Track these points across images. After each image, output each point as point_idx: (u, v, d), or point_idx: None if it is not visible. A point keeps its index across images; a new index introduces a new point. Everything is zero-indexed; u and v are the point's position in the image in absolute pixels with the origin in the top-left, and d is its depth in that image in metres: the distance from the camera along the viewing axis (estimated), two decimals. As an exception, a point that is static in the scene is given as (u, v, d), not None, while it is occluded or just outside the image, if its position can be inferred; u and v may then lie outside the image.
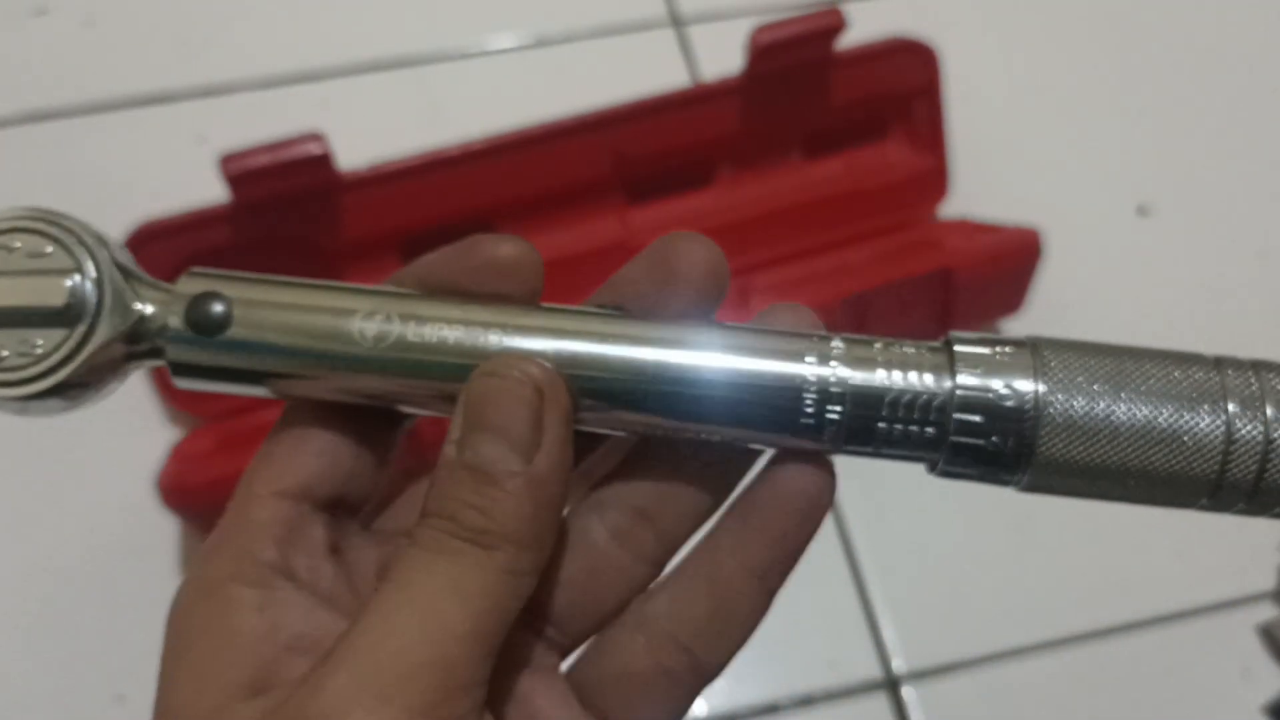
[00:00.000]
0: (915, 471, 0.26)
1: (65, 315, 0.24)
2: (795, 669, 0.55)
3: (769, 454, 0.26)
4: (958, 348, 0.25)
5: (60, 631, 0.55)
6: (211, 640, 0.24)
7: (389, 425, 0.27)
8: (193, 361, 0.25)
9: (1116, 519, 0.60)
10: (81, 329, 0.24)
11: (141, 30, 0.73)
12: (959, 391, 0.24)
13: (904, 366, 0.24)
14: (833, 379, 0.24)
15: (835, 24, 0.57)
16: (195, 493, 0.51)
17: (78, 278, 0.24)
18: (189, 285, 0.25)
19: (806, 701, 0.54)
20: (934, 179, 0.63)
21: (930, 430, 0.24)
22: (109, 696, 0.53)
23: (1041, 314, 0.63)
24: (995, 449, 0.23)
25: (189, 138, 0.68)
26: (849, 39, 0.59)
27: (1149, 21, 0.78)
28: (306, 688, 0.22)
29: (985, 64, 0.74)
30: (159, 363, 0.25)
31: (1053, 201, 0.67)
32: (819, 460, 0.25)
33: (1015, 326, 0.64)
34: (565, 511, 0.26)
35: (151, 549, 0.57)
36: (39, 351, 0.24)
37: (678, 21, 0.75)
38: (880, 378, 0.24)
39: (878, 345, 0.24)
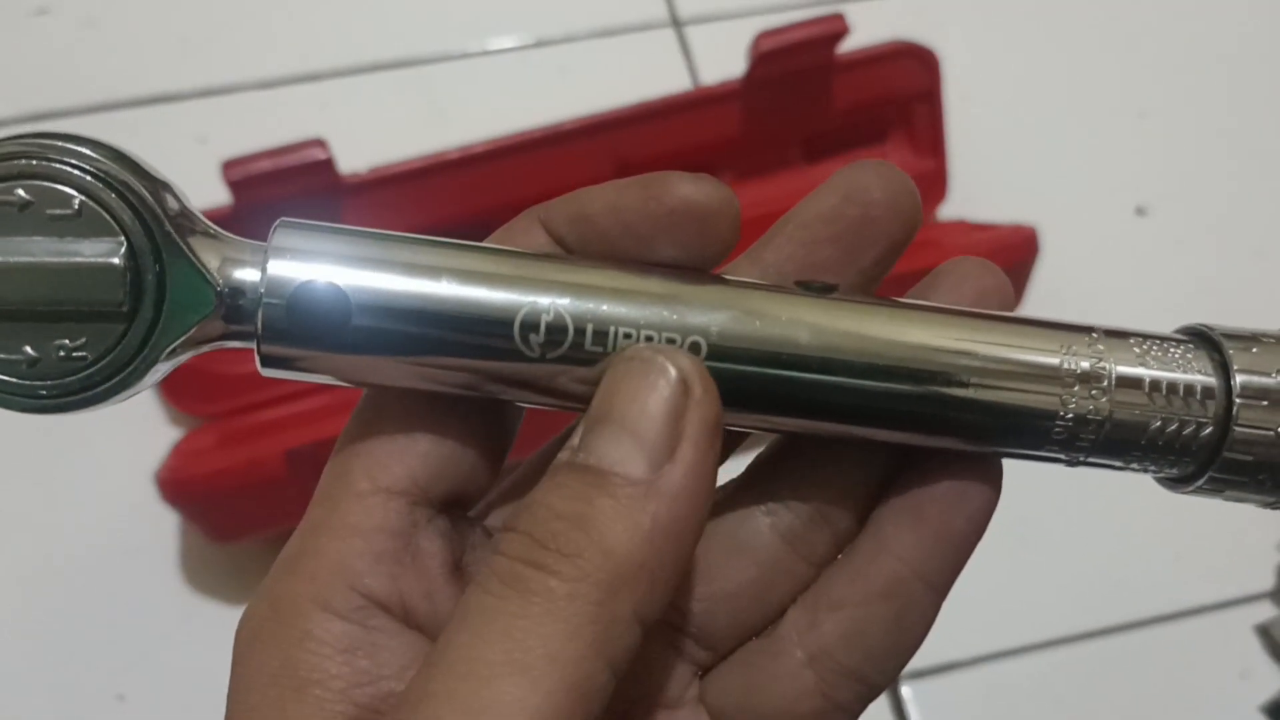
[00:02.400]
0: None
1: (115, 311, 0.18)
2: (794, 669, 0.55)
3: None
4: (1228, 348, 0.21)
5: (60, 631, 0.55)
6: (277, 687, 0.19)
7: (514, 410, 0.22)
8: (289, 356, 0.19)
9: (1116, 519, 0.60)
10: (141, 325, 0.18)
11: (141, 30, 0.73)
12: (1239, 402, 0.20)
13: (1168, 366, 0.20)
14: (1091, 407, 0.20)
15: (838, 29, 0.57)
16: (194, 485, 0.51)
17: (125, 251, 0.18)
18: (284, 241, 0.19)
19: (806, 701, 0.55)
20: (934, 181, 0.63)
21: (1197, 446, 0.21)
22: (109, 696, 0.54)
23: (1039, 313, 0.63)
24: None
25: (189, 138, 0.68)
26: (849, 41, 0.59)
27: (1147, 22, 0.78)
28: None
29: (983, 65, 0.74)
30: (242, 345, 0.19)
31: (1051, 202, 0.67)
32: (984, 459, 0.22)
33: (1014, 327, 0.64)
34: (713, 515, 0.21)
35: (152, 549, 0.57)
36: (80, 354, 0.18)
37: (678, 22, 0.75)
38: (1147, 388, 0.20)
39: (1134, 342, 0.21)
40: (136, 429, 0.59)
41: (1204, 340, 0.21)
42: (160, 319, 0.18)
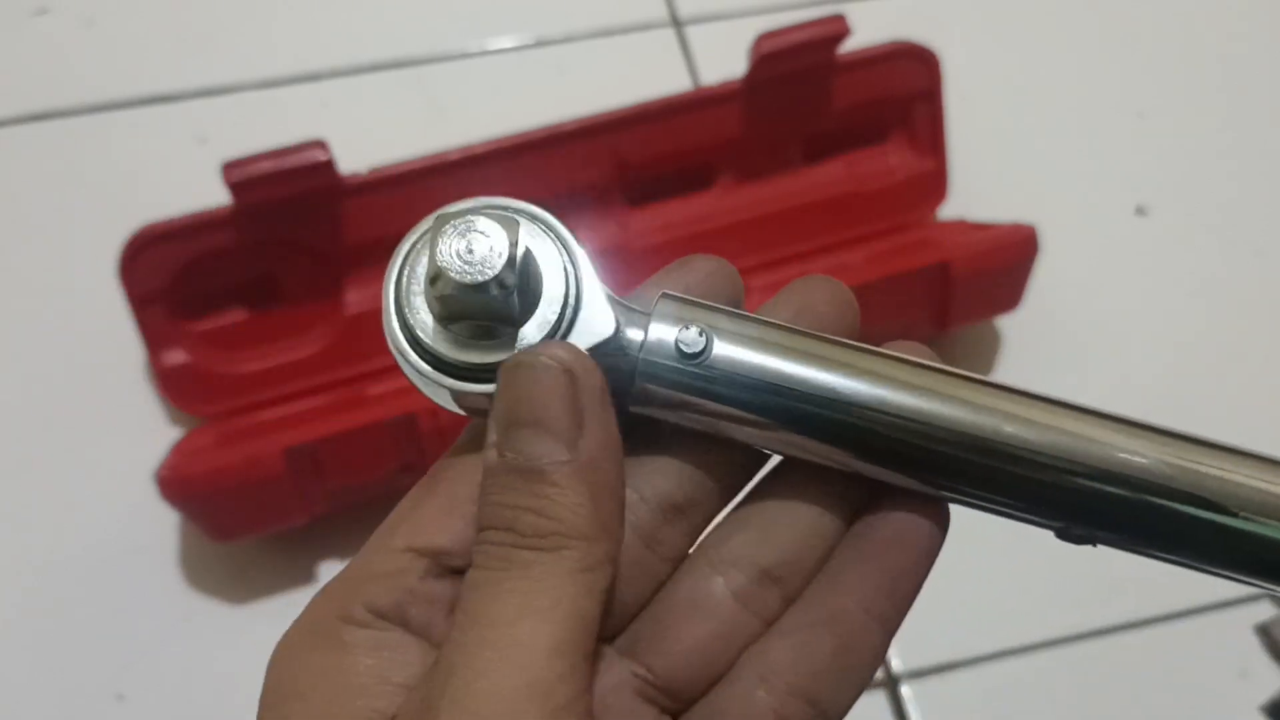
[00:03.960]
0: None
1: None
2: (794, 669, 0.55)
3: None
4: None
5: (60, 631, 0.55)
6: (327, 681, 0.22)
7: None
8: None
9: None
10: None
11: (141, 30, 0.73)
12: None
13: None
14: None
15: (839, 31, 0.57)
16: (194, 484, 0.51)
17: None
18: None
19: (806, 701, 0.55)
20: (934, 182, 0.63)
21: None
22: (109, 696, 0.54)
23: (1039, 313, 0.63)
24: None
25: (189, 138, 0.68)
26: (849, 41, 0.59)
27: (1146, 22, 0.78)
28: None
29: (983, 65, 0.74)
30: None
31: (1051, 202, 0.67)
32: (934, 500, 0.25)
33: (1012, 324, 0.64)
34: (676, 559, 0.25)
35: (152, 549, 0.57)
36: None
37: (678, 22, 0.75)
38: None
39: None
40: (136, 429, 0.59)
41: None
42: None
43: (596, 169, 0.58)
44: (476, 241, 0.22)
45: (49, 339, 0.62)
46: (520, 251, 0.22)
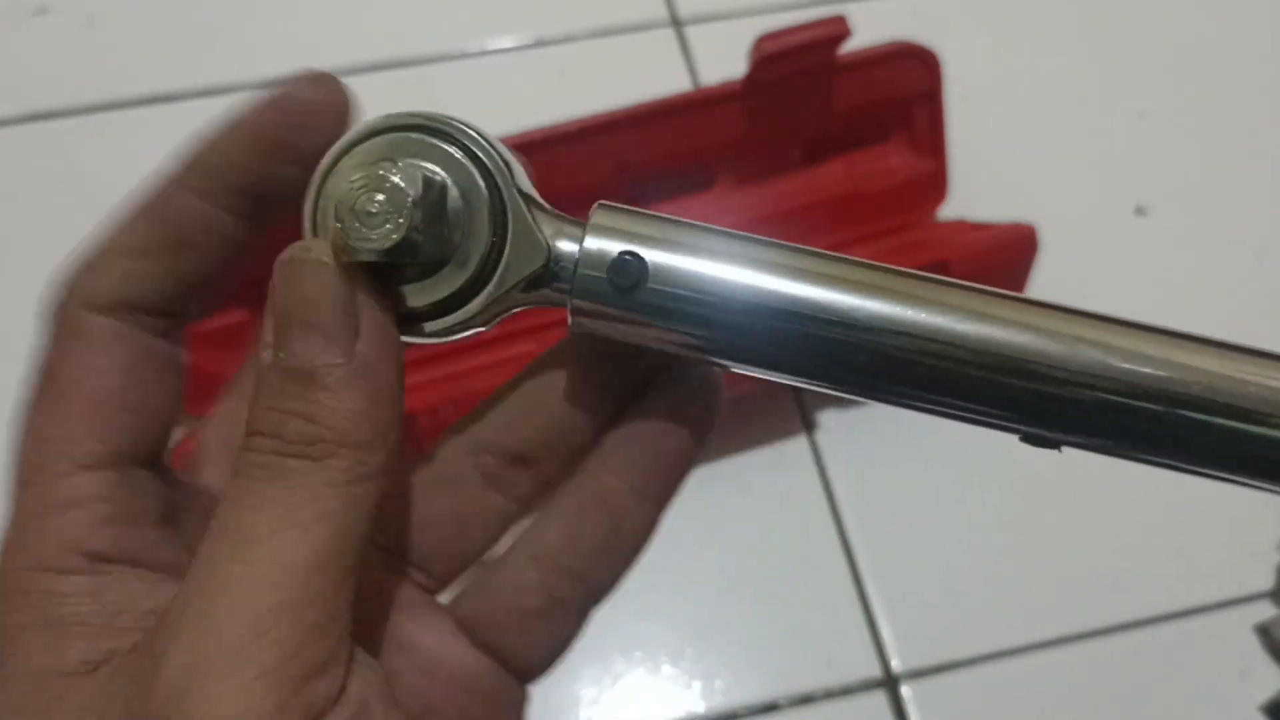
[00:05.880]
0: (914, 470, 0.26)
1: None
2: (794, 667, 0.55)
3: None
4: None
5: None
6: (38, 635, 0.20)
7: (176, 328, 0.23)
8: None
9: (1116, 518, 0.60)
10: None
11: (141, 30, 0.73)
12: None
13: None
14: None
15: (840, 32, 0.57)
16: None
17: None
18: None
19: (805, 700, 0.55)
20: (934, 182, 0.63)
21: None
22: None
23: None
24: None
25: (189, 138, 0.68)
26: (849, 41, 0.59)
27: (1147, 22, 0.78)
28: (146, 672, 0.19)
29: (983, 65, 0.74)
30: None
31: (1051, 202, 0.67)
32: (705, 380, 0.25)
33: (1014, 327, 0.64)
34: (435, 444, 0.24)
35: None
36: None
37: (678, 22, 0.75)
38: None
39: None
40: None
41: None
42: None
43: (596, 169, 0.58)
44: (375, 199, 0.20)
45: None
46: (427, 193, 0.21)
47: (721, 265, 0.22)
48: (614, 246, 0.22)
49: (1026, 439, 0.23)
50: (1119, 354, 0.22)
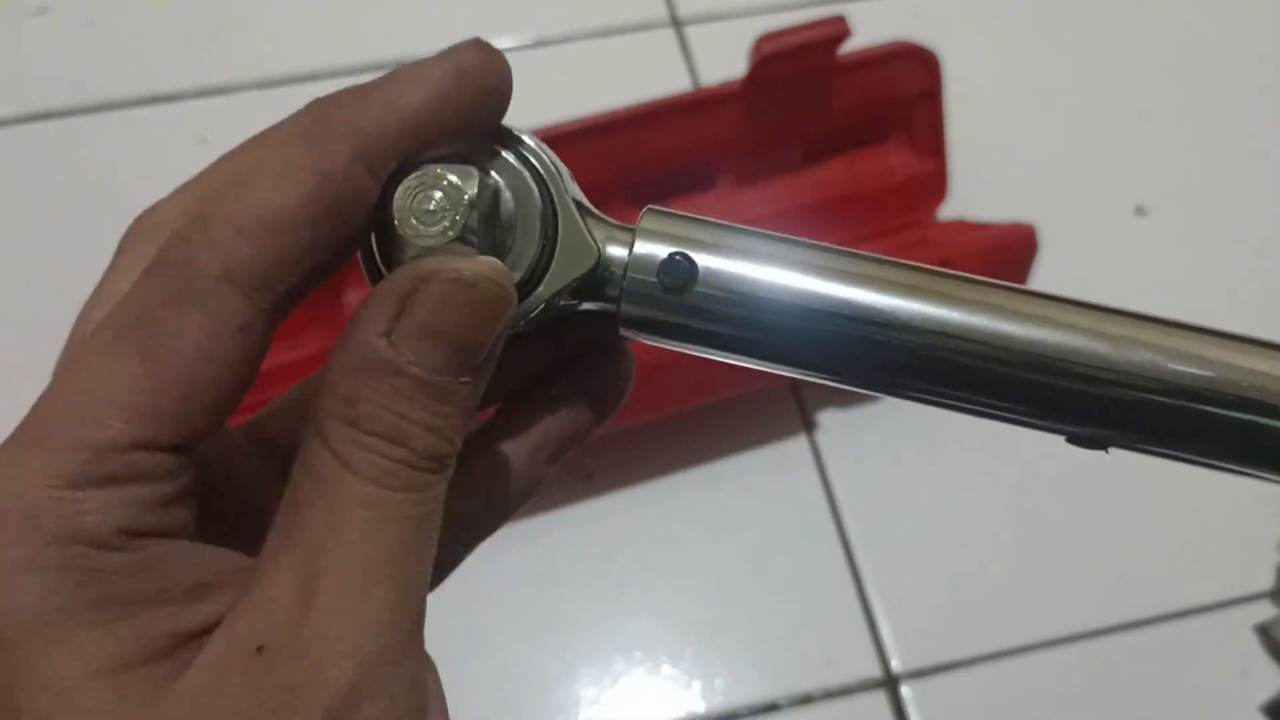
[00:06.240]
0: (914, 470, 0.26)
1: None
2: (794, 668, 0.55)
3: None
4: None
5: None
6: (92, 615, 0.19)
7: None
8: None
9: (1116, 519, 0.60)
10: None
11: (141, 30, 0.73)
12: None
13: None
14: None
15: (840, 32, 0.57)
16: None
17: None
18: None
19: (805, 700, 0.55)
20: (934, 182, 0.63)
21: None
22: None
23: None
24: None
25: (189, 138, 0.68)
26: (849, 41, 0.59)
27: (1147, 22, 0.78)
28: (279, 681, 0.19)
29: (983, 65, 0.74)
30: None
31: (1051, 202, 0.67)
32: (620, 371, 0.26)
33: (1014, 327, 0.64)
34: None
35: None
36: None
37: (678, 22, 0.75)
38: None
39: None
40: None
41: None
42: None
43: (597, 169, 0.58)
44: (433, 197, 0.21)
45: (48, 340, 0.61)
46: (482, 194, 0.21)
47: (771, 268, 0.22)
48: (663, 249, 0.22)
49: (1074, 440, 0.23)
50: (1169, 354, 0.22)
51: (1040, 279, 0.60)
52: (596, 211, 0.23)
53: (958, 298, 0.22)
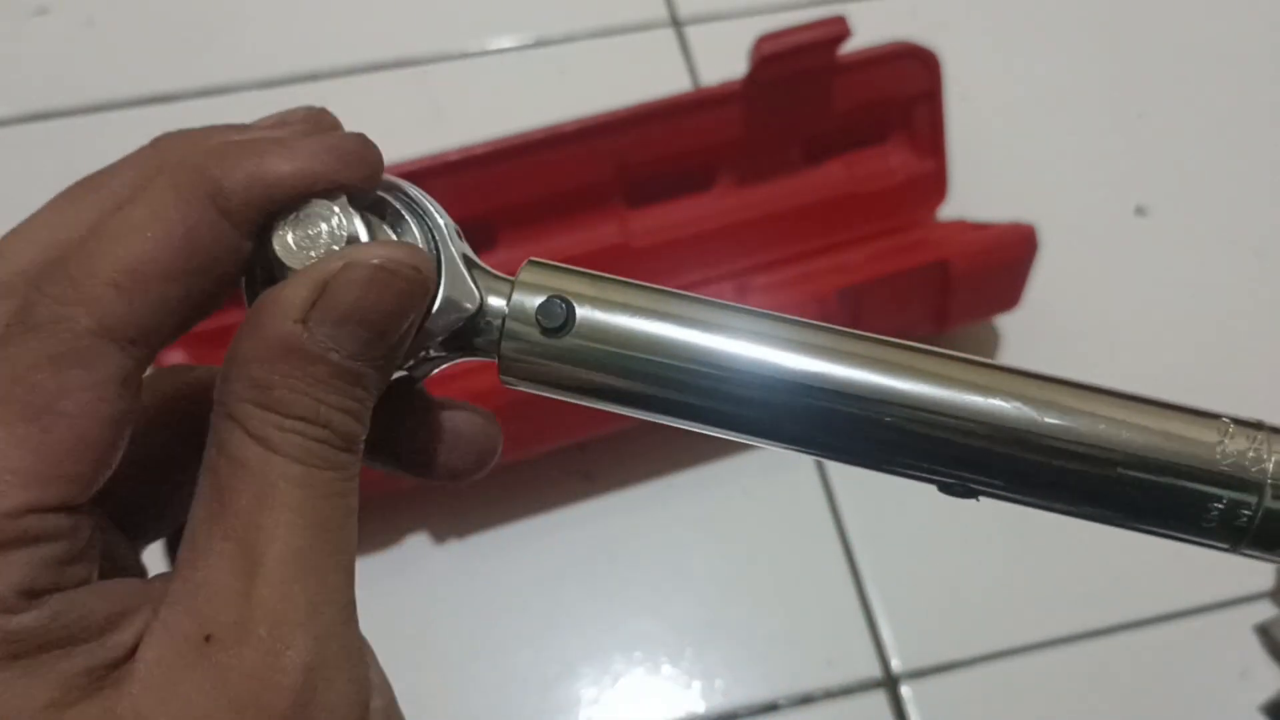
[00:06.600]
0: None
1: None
2: (794, 668, 0.55)
3: None
4: None
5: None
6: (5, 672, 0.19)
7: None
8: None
9: (1115, 519, 0.60)
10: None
11: (141, 30, 0.73)
12: None
13: None
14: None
15: (840, 33, 0.57)
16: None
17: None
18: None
19: (805, 700, 0.55)
20: (934, 182, 0.63)
21: None
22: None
23: (1039, 313, 0.63)
24: None
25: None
26: (849, 41, 0.59)
27: (1146, 23, 0.78)
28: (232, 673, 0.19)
29: (983, 65, 0.74)
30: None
31: (1051, 202, 0.67)
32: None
33: (1011, 324, 0.64)
34: None
35: (151, 548, 0.57)
36: None
37: (678, 22, 0.75)
38: None
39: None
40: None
41: None
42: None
43: (597, 169, 0.58)
44: (318, 228, 0.21)
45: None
46: (361, 232, 0.21)
47: (648, 320, 0.23)
48: (541, 297, 0.23)
49: (945, 489, 0.24)
50: (1031, 404, 0.22)
51: (1040, 279, 0.60)
52: (481, 264, 0.24)
53: (833, 350, 0.23)
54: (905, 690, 0.55)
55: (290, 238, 0.21)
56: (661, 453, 0.60)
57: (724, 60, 0.62)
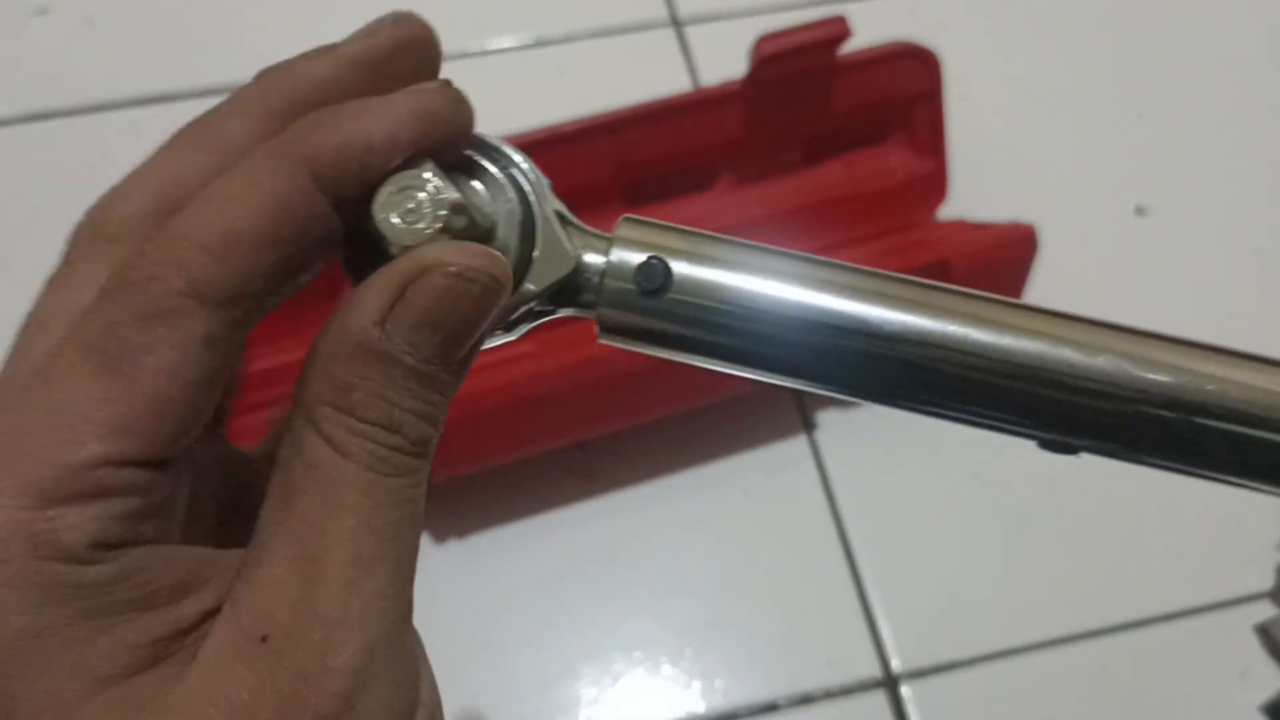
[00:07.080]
0: (914, 470, 0.26)
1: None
2: (794, 668, 0.55)
3: None
4: None
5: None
6: (78, 629, 0.19)
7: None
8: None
9: (1116, 519, 0.60)
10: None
11: (141, 30, 0.73)
12: None
13: None
14: None
15: (840, 33, 0.57)
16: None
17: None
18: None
19: (805, 700, 0.55)
20: (934, 182, 0.63)
21: None
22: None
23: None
24: None
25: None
26: (849, 41, 0.59)
27: (1146, 23, 0.78)
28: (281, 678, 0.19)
29: (983, 65, 0.74)
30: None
31: (1051, 202, 0.67)
32: None
33: (1014, 327, 0.64)
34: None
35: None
36: None
37: (678, 22, 0.75)
38: None
39: None
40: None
41: None
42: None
43: (596, 169, 0.58)
44: (415, 198, 0.21)
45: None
46: (463, 198, 0.21)
47: (745, 275, 0.22)
48: (640, 255, 0.23)
49: (1045, 445, 0.23)
50: (1133, 361, 0.22)
51: (1040, 279, 0.60)
52: (576, 220, 0.24)
53: (930, 305, 0.23)
54: (905, 690, 0.55)
55: (393, 213, 0.21)
56: (661, 453, 0.60)
57: (724, 60, 0.62)
